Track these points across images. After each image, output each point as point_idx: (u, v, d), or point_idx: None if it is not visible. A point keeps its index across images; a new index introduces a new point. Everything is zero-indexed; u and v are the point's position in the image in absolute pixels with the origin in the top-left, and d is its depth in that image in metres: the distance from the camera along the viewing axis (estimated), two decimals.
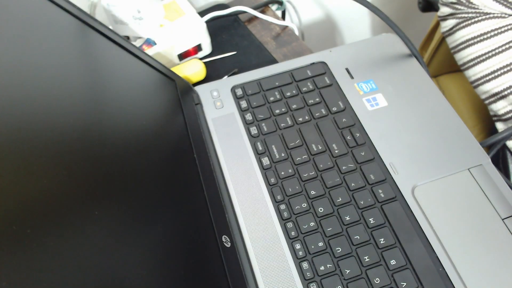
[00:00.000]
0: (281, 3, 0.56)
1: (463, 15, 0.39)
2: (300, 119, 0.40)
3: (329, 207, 0.35)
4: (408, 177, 0.36)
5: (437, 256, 0.32)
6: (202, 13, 0.51)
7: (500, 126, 0.38)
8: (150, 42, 0.45)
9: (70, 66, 0.28)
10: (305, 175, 0.37)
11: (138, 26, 0.45)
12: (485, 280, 0.31)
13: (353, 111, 0.40)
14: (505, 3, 0.36)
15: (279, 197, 0.36)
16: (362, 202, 0.35)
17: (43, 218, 0.19)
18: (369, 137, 0.38)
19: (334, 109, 0.40)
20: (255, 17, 0.53)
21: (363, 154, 0.37)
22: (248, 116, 0.41)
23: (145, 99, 0.35)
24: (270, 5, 0.55)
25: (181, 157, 0.35)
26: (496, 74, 0.38)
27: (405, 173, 0.36)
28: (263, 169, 0.38)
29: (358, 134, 0.38)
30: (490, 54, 0.39)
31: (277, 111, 0.41)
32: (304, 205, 0.35)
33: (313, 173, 0.37)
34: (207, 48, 0.49)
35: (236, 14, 0.52)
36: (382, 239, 0.33)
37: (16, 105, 0.22)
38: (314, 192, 0.36)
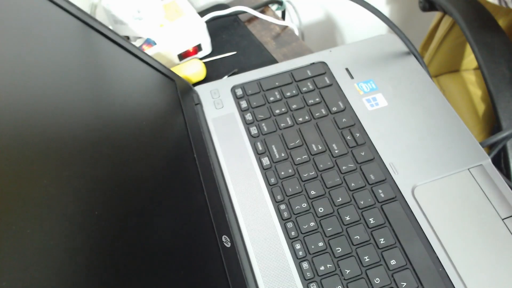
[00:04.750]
0: (281, 3, 0.56)
1: None
2: (300, 119, 0.40)
3: (329, 207, 0.35)
4: (408, 177, 0.36)
5: (437, 256, 0.32)
6: (202, 13, 0.51)
7: None
8: (150, 42, 0.45)
9: (70, 66, 0.28)
10: (305, 175, 0.37)
11: (138, 26, 0.45)
12: (485, 280, 0.31)
13: (353, 111, 0.40)
14: None
15: (279, 197, 0.36)
16: (362, 202, 0.35)
17: (43, 218, 0.19)
18: (369, 137, 0.38)
19: (334, 109, 0.40)
20: (255, 17, 0.53)
21: (363, 154, 0.37)
22: (248, 116, 0.41)
23: (145, 99, 0.35)
24: (270, 5, 0.55)
25: (181, 157, 0.35)
26: None
27: (405, 173, 0.36)
28: (263, 169, 0.38)
29: (358, 134, 0.38)
30: None
31: (277, 111, 0.41)
32: (304, 205, 0.35)
33: (313, 173, 0.37)
34: (207, 48, 0.49)
35: (236, 14, 0.52)
36: (382, 239, 0.33)
37: (16, 105, 0.22)
38: (314, 192, 0.36)
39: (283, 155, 0.38)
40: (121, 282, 0.22)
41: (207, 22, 0.49)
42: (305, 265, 0.32)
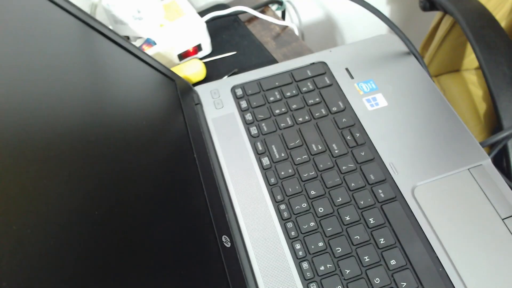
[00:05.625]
0: (281, 3, 0.56)
1: None
2: (300, 119, 0.40)
3: (329, 207, 0.35)
4: (408, 177, 0.36)
5: (437, 256, 0.32)
6: (202, 13, 0.51)
7: None
8: (150, 42, 0.45)
9: (70, 66, 0.28)
10: (305, 175, 0.37)
11: (138, 26, 0.45)
12: (485, 280, 0.30)
13: (353, 111, 0.40)
14: None
15: (279, 197, 0.36)
16: (362, 202, 0.35)
17: (43, 218, 0.19)
18: (369, 137, 0.38)
19: (334, 109, 0.40)
20: (255, 17, 0.53)
21: (363, 154, 0.37)
22: (248, 116, 0.41)
23: (145, 99, 0.35)
24: (270, 5, 0.55)
25: (181, 157, 0.35)
26: None
27: (405, 173, 0.36)
28: (263, 169, 0.38)
29: (358, 134, 0.38)
30: None
31: (277, 111, 0.41)
32: (304, 205, 0.35)
33: (313, 173, 0.37)
34: (207, 48, 0.49)
35: (236, 14, 0.52)
36: (382, 239, 0.33)
37: (16, 106, 0.22)
38: (314, 192, 0.36)
39: (283, 155, 0.38)
40: (122, 281, 0.22)
41: (207, 22, 0.49)
42: (305, 265, 0.32)
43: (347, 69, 0.43)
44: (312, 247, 0.33)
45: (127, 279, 0.22)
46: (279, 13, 0.58)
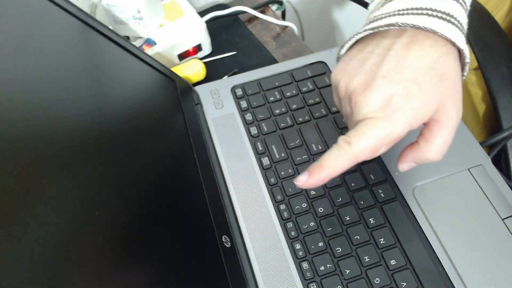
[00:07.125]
0: (281, 3, 0.56)
1: None
2: (300, 119, 0.40)
3: (329, 207, 0.35)
4: (408, 177, 0.36)
5: (437, 256, 0.32)
6: (202, 13, 0.51)
7: None
8: (150, 42, 0.45)
9: (70, 66, 0.28)
10: None
11: (138, 26, 0.45)
12: (485, 280, 0.30)
13: None
14: None
15: (279, 197, 0.36)
16: (362, 202, 0.35)
17: (43, 218, 0.19)
18: None
19: (334, 109, 0.40)
20: (255, 17, 0.53)
21: None
22: (248, 116, 0.41)
23: (145, 99, 0.35)
24: (270, 5, 0.55)
25: (181, 157, 0.35)
26: None
27: (405, 173, 0.36)
28: (263, 169, 0.38)
29: None
30: None
31: (277, 111, 0.41)
32: (304, 205, 0.35)
33: None
34: (207, 48, 0.49)
35: (236, 14, 0.52)
36: (382, 239, 0.33)
37: (16, 106, 0.22)
38: (314, 192, 0.36)
39: (283, 155, 0.38)
40: (122, 282, 0.22)
41: (207, 22, 0.49)
42: (305, 265, 0.32)
43: None
44: (312, 247, 0.33)
45: (127, 279, 0.22)
46: (279, 13, 0.58)
